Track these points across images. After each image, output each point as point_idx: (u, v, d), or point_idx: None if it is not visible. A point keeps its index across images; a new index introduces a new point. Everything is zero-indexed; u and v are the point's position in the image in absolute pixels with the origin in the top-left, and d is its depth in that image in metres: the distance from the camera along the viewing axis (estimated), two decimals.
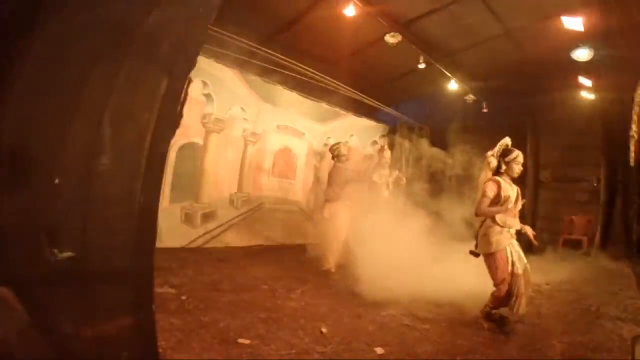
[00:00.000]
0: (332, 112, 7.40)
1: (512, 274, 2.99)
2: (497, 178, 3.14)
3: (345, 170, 4.87)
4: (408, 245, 4.24)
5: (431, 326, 3.05)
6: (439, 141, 8.94)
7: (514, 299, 2.98)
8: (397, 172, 5.69)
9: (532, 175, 7.94)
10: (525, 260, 3.11)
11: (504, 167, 3.18)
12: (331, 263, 4.61)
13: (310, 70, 6.24)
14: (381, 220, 4.31)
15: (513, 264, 3.01)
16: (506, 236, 3.07)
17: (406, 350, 2.61)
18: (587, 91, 6.56)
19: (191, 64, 1.28)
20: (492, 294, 3.08)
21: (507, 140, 3.32)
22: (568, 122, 7.25)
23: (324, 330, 2.82)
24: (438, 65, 6.50)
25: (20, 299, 0.99)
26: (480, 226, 3.20)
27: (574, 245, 6.82)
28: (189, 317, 2.82)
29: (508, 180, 3.19)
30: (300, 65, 6.07)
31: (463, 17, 5.51)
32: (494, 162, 3.25)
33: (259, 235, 6.13)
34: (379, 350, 2.56)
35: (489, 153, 3.31)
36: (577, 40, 5.03)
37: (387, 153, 5.84)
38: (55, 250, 1.02)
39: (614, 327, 3.13)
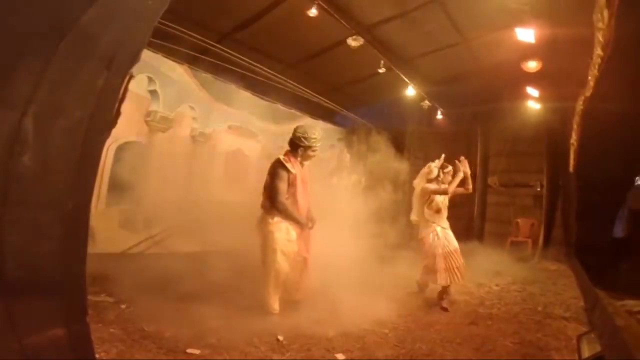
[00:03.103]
0: (288, 113, 7.25)
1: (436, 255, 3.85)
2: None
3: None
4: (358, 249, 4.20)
5: (390, 330, 3.02)
6: (396, 146, 9.14)
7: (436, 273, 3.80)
8: (355, 175, 5.67)
9: (481, 180, 8.27)
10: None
11: (441, 176, 4.13)
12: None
13: (267, 70, 6.05)
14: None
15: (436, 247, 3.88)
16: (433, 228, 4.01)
17: (367, 355, 2.55)
18: (534, 101, 6.92)
19: (134, 59, 1.21)
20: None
21: (442, 157, 4.26)
22: (515, 130, 7.62)
23: (280, 337, 2.68)
24: (397, 71, 6.57)
25: None
26: None
27: (520, 247, 7.15)
28: (130, 326, 2.65)
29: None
30: (257, 65, 5.87)
31: (423, 24, 5.61)
32: (435, 172, 4.13)
33: (207, 241, 5.81)
34: (340, 357, 2.49)
35: (432, 164, 4.18)
36: (528, 51, 5.26)
37: (347, 156, 5.80)
38: None
39: (560, 327, 3.25)
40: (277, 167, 3.19)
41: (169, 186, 5.53)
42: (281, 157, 3.25)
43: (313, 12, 4.86)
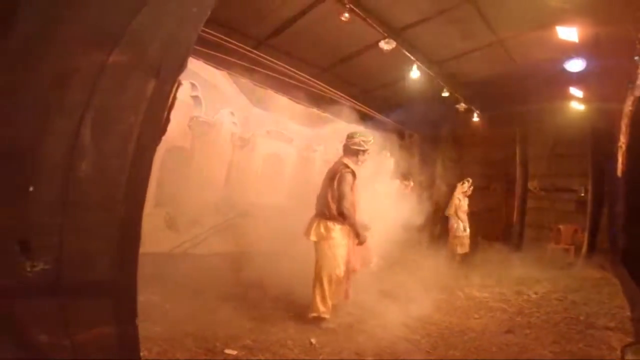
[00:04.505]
0: (322, 118, 7.31)
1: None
2: None
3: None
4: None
5: (422, 337, 3.01)
6: (429, 149, 9.03)
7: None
8: (396, 179, 5.65)
9: (520, 184, 8.01)
10: None
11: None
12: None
13: (302, 74, 6.16)
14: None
15: None
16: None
17: None
18: (577, 102, 6.63)
19: (181, 67, 1.22)
20: None
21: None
22: (557, 132, 7.33)
23: (313, 341, 2.76)
24: (431, 73, 6.49)
25: None
26: None
27: (562, 254, 6.86)
28: (173, 326, 2.75)
29: None
30: (292, 69, 5.99)
31: (456, 25, 5.51)
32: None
33: (245, 242, 6.00)
34: None
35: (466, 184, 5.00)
36: (570, 50, 5.07)
37: (391, 161, 5.68)
38: (29, 262, 0.99)
39: (604, 337, 3.13)
40: (345, 171, 3.16)
41: (209, 189, 5.75)
42: (345, 160, 3.25)
43: (345, 16, 4.87)
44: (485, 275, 5.37)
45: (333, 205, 3.15)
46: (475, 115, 8.01)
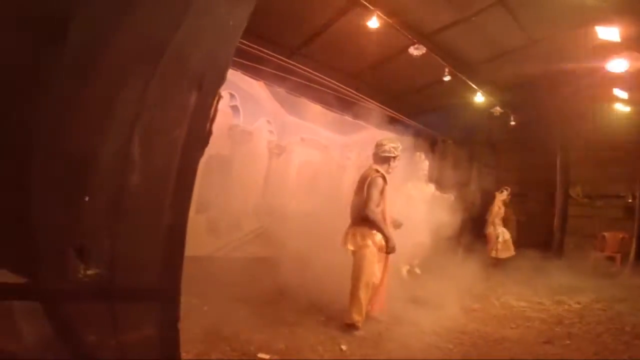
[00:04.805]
0: (355, 124, 7.41)
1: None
2: None
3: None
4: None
5: (454, 346, 2.96)
6: (463, 154, 8.85)
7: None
8: (432, 184, 5.53)
9: (561, 191, 7.71)
10: None
11: None
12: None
13: (333, 82, 6.29)
14: None
15: None
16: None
17: None
18: (622, 104, 6.34)
19: (221, 79, 1.24)
20: None
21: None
22: (601, 135, 7.00)
23: (343, 347, 2.78)
24: (463, 77, 6.43)
25: (48, 312, 1.05)
26: None
27: (606, 262, 6.54)
28: (210, 328, 2.81)
29: None
30: (324, 77, 6.14)
31: (487, 28, 5.43)
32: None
33: (281, 246, 6.16)
34: None
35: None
36: (612, 50, 4.89)
37: (425, 163, 5.58)
38: (83, 267, 1.05)
39: None
40: (375, 176, 3.18)
41: (248, 194, 5.99)
42: (374, 166, 3.28)
43: (373, 23, 4.92)
44: (522, 284, 5.21)
45: (359, 212, 3.18)
46: (511, 119, 7.82)
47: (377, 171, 3.21)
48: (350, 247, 3.21)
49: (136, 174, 1.11)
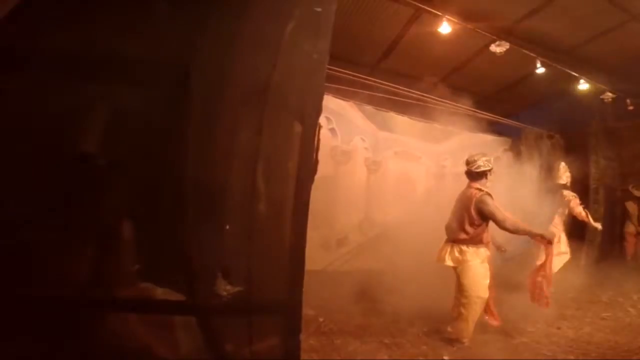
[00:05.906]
0: (446, 131, 7.34)
1: None
2: None
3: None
4: None
5: (576, 357, 2.79)
6: (575, 148, 8.06)
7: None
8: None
9: None
10: None
11: None
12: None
13: (417, 92, 6.30)
14: None
15: None
16: None
17: None
18: None
19: (318, 110, 1.32)
20: None
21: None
22: None
23: (446, 358, 2.79)
24: (559, 66, 6.03)
25: (201, 325, 1.22)
26: None
27: None
28: (324, 339, 2.99)
29: None
30: (407, 89, 6.21)
31: (574, 10, 4.99)
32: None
33: (386, 259, 6.30)
34: None
35: None
36: None
37: (567, 173, 5.03)
38: (228, 286, 1.20)
39: None
40: (481, 195, 3.10)
41: (352, 210, 6.34)
42: (473, 185, 3.21)
43: (444, 28, 4.83)
44: None
45: (471, 230, 3.10)
46: (628, 102, 7.02)
47: (480, 189, 3.15)
48: (449, 263, 3.18)
49: (262, 202, 1.28)
